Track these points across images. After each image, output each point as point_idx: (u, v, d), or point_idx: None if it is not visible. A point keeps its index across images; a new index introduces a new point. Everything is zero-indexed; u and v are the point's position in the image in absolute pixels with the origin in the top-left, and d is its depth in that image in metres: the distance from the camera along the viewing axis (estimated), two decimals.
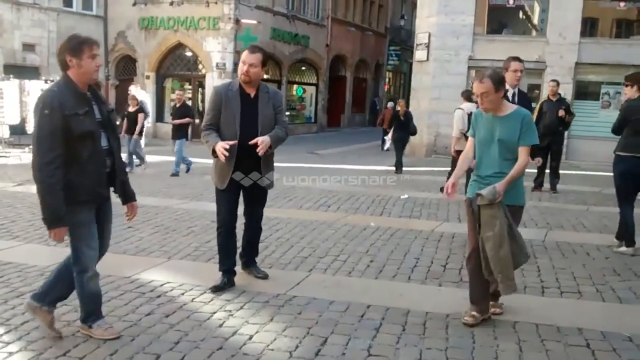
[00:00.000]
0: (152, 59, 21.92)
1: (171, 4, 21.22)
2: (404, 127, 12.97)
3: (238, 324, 3.86)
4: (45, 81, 15.39)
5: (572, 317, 4.21)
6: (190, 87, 22.07)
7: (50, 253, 5.34)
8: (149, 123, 15.71)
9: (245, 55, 4.48)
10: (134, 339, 3.61)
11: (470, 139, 4.13)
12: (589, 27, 18.02)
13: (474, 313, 3.95)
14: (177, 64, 22.27)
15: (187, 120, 12.17)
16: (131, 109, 12.37)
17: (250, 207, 4.78)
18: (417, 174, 12.74)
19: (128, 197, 3.67)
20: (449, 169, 9.13)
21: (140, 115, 12.08)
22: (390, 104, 18.85)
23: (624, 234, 6.09)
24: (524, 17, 19.64)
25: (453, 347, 3.61)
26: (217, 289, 4.53)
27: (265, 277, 4.87)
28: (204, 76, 21.16)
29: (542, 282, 5.03)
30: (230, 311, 4.12)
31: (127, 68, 23.04)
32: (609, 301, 4.61)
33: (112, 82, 23.08)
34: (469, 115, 8.80)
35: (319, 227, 6.97)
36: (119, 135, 3.63)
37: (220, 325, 3.87)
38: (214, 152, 4.39)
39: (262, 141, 4.35)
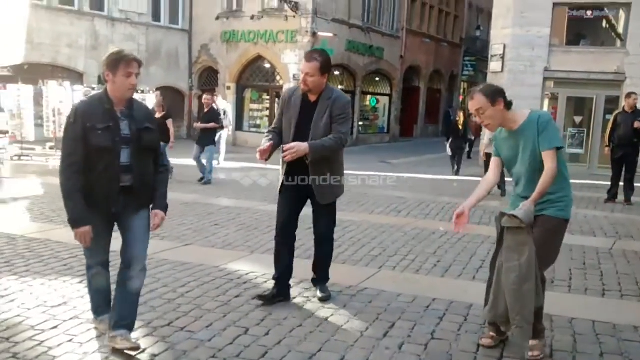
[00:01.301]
0: (232, 70, 23.00)
1: (252, 18, 22.23)
2: (462, 137, 14.26)
3: (315, 308, 4.34)
4: (137, 91, 16.61)
5: (630, 316, 4.43)
6: (268, 97, 22.98)
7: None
8: (229, 131, 16.66)
9: (303, 64, 4.30)
10: (226, 316, 4.17)
11: (493, 159, 3.74)
12: None
13: (492, 334, 3.69)
14: (256, 76, 23.26)
15: (212, 125, 11.71)
16: (157, 115, 11.27)
17: (314, 218, 4.53)
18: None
19: (155, 205, 3.56)
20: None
21: (169, 122, 10.98)
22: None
23: None
24: (606, 26, 19.27)
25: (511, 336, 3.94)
26: (261, 298, 4.40)
27: (327, 298, 4.54)
28: (281, 87, 21.98)
29: (604, 285, 5.23)
30: (308, 297, 4.61)
31: (209, 79, 24.26)
32: None
33: (195, 92, 24.36)
34: None
35: (389, 230, 7.38)
36: (154, 152, 3.56)
37: (300, 308, 4.37)
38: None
39: (292, 147, 4.12)
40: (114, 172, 3.35)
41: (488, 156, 11.13)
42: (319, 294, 4.58)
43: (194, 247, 6.25)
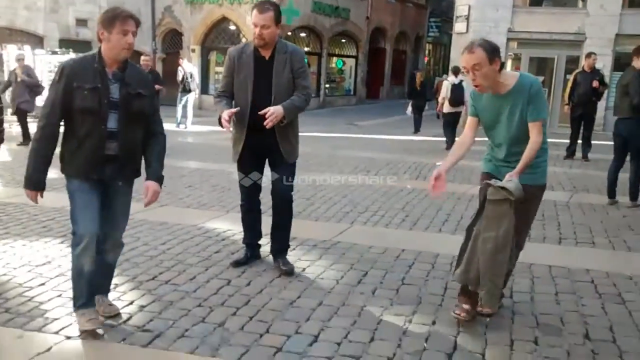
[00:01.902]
0: (197, 32, 22.69)
1: None
2: (421, 95, 15.24)
3: (292, 261, 4.55)
4: None
5: (582, 261, 4.79)
6: None
7: None
8: (196, 95, 16.58)
9: (255, 16, 3.98)
10: (208, 269, 4.37)
11: (469, 119, 3.55)
12: None
13: (465, 306, 3.53)
14: (222, 38, 23.00)
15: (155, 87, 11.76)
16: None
17: (273, 182, 4.30)
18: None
19: (147, 175, 3.38)
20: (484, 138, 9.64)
21: None
22: (445, 77, 19.21)
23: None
24: None
25: None
26: (237, 264, 4.37)
27: (290, 272, 4.26)
28: None
29: (560, 234, 5.60)
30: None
31: (173, 42, 23.90)
32: (619, 249, 5.17)
33: (159, 55, 23.97)
34: (453, 86, 11.50)
35: (359, 189, 7.64)
36: (145, 119, 3.33)
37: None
38: (220, 122, 4.04)
39: (272, 112, 3.88)
40: (98, 137, 3.15)
41: (446, 116, 12.01)
42: (282, 266, 4.29)
43: (170, 208, 6.40)
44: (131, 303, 3.72)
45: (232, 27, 22.46)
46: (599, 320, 3.60)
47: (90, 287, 3.31)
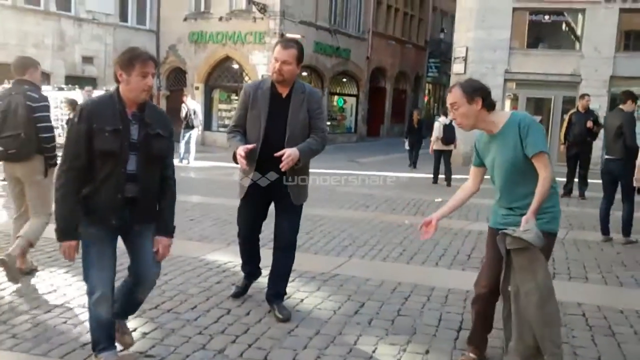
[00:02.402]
0: (201, 71, 23.17)
1: (220, 19, 22.46)
2: (417, 134, 15.92)
3: (291, 292, 4.67)
4: (106, 90, 16.71)
5: (574, 295, 4.90)
6: (236, 97, 23.13)
7: None
8: (199, 131, 16.86)
9: (277, 51, 3.90)
10: (209, 299, 4.49)
11: (472, 168, 3.49)
12: (625, 40, 18.38)
13: (472, 355, 3.47)
14: (225, 76, 23.49)
15: None
16: (72, 115, 11.87)
17: (279, 224, 4.18)
18: (454, 182, 13.40)
19: (158, 229, 3.26)
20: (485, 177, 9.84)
21: None
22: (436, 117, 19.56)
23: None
24: (564, 30, 20.07)
25: (469, 312, 4.34)
26: (237, 295, 4.37)
27: (287, 319, 4.05)
28: None
29: (554, 269, 5.71)
30: None
31: (177, 79, 24.36)
32: (611, 285, 5.28)
33: (164, 92, 24.42)
34: (444, 125, 12.18)
35: (358, 224, 7.78)
36: (163, 162, 3.25)
37: None
38: (234, 158, 3.93)
39: (288, 154, 3.77)
40: (118, 181, 3.04)
41: (436, 153, 12.76)
42: (278, 313, 4.09)
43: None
44: (134, 330, 3.83)
45: (235, 66, 22.94)
46: (588, 351, 3.71)
47: (109, 331, 3.24)
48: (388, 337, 3.84)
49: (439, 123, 12.57)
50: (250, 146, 3.87)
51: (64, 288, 4.65)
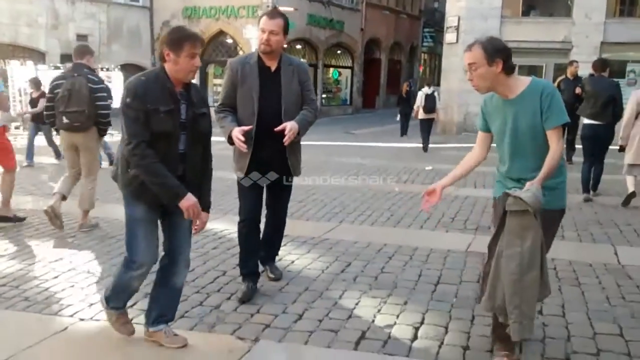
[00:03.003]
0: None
1: None
2: (406, 103, 16.47)
3: (283, 254, 4.97)
4: (102, 69, 16.84)
5: (549, 252, 5.20)
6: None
7: None
8: None
9: (264, 22, 3.85)
10: (205, 263, 4.81)
11: (479, 134, 3.26)
12: (615, 5, 18.49)
13: (505, 352, 3.12)
14: (219, 51, 23.58)
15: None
16: (34, 94, 11.49)
17: (273, 200, 4.21)
18: (445, 150, 13.70)
19: (200, 203, 3.15)
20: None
21: (42, 101, 9.81)
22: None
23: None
24: None
25: (447, 269, 4.70)
26: (244, 301, 3.95)
27: (278, 278, 4.33)
28: None
29: None
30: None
31: None
32: (585, 242, 5.61)
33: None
34: (426, 95, 12.85)
35: (348, 192, 8.08)
36: (206, 140, 3.28)
37: None
38: (229, 139, 3.84)
39: (289, 128, 3.75)
40: (172, 160, 3.03)
41: (422, 122, 13.48)
42: (270, 273, 4.36)
43: None
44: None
45: (229, 41, 23.03)
46: (554, 299, 4.00)
47: (129, 298, 3.41)
48: (371, 292, 4.17)
49: (422, 93, 13.39)
50: (246, 128, 3.78)
51: (70, 256, 4.97)
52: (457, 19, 18.62)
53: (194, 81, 3.24)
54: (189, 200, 3.03)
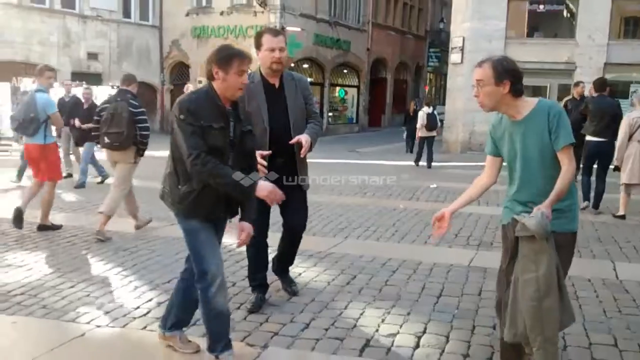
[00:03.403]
0: (203, 65, 23.56)
1: (221, 13, 22.92)
2: (413, 122, 16.35)
3: (290, 267, 5.14)
4: (112, 87, 17.18)
5: None
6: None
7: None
8: None
9: (271, 40, 3.90)
10: None
11: (487, 158, 3.23)
12: (619, 27, 18.74)
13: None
14: None
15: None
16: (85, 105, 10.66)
17: (291, 211, 4.15)
18: (451, 168, 13.91)
19: (243, 215, 3.29)
20: (480, 163, 10.26)
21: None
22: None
23: None
24: (559, 19, 20.40)
25: (450, 282, 4.84)
26: (253, 311, 4.09)
27: (295, 292, 4.43)
28: None
29: None
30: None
31: (180, 74, 24.84)
32: (585, 258, 5.74)
33: (167, 87, 24.91)
34: (428, 114, 13.61)
35: (354, 208, 8.24)
36: (251, 157, 3.33)
37: None
38: None
39: (306, 140, 3.87)
40: None
41: (421, 139, 14.20)
42: (288, 287, 4.48)
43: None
44: (150, 300, 4.33)
45: None
46: None
47: (229, 324, 3.24)
48: (375, 303, 4.32)
49: (423, 112, 14.19)
50: (264, 153, 3.83)
51: (85, 267, 5.15)
52: (462, 39, 18.91)
53: None
54: (265, 188, 3.05)
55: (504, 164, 3.17)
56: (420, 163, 14.15)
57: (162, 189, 3.25)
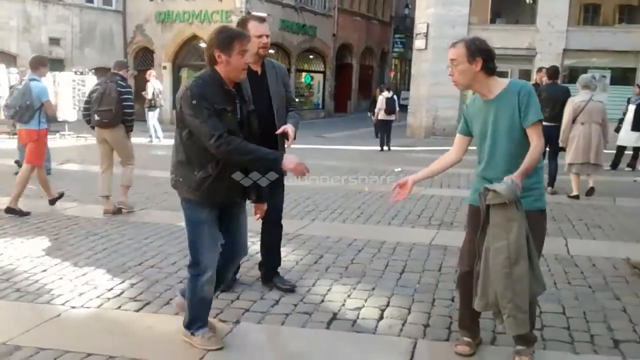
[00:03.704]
0: (168, 50, 23.41)
1: None
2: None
3: (257, 249, 5.29)
4: (75, 72, 16.93)
5: None
6: None
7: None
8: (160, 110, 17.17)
9: (256, 26, 3.93)
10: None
11: (457, 136, 3.37)
12: (577, 14, 19.26)
13: (466, 339, 3.34)
14: (192, 55, 23.75)
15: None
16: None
17: (271, 195, 3.97)
18: (415, 152, 14.19)
19: (257, 197, 3.44)
20: (443, 147, 10.55)
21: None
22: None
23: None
24: (523, 5, 20.82)
25: (412, 260, 5.09)
26: (224, 290, 4.09)
27: (292, 289, 4.28)
28: None
29: None
30: (252, 241, 5.57)
31: (145, 59, 24.54)
32: None
33: (131, 72, 24.54)
34: (387, 99, 14.24)
35: (321, 192, 8.44)
36: (257, 136, 3.33)
37: None
38: None
39: (292, 131, 3.89)
40: (236, 165, 3.14)
41: (380, 122, 14.96)
42: (283, 285, 4.31)
43: (149, 210, 7.11)
44: (123, 282, 4.44)
45: (203, 45, 23.14)
46: None
47: (209, 311, 3.40)
48: (341, 280, 4.53)
49: (382, 97, 15.06)
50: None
51: (55, 252, 5.22)
52: (426, 26, 19.18)
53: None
54: (292, 161, 3.08)
55: (473, 147, 3.31)
56: (385, 147, 14.44)
57: (173, 179, 3.26)
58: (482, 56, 3.05)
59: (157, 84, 16.47)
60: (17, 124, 7.27)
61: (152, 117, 15.94)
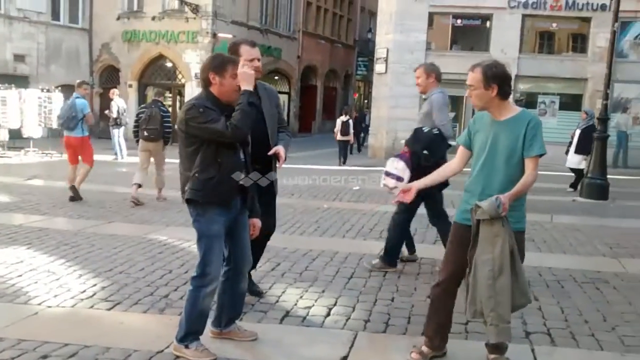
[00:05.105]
0: (134, 69, 23.70)
1: (153, 18, 23.09)
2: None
3: None
4: (42, 90, 17.05)
5: None
6: (170, 95, 23.89)
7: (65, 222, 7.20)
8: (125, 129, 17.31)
9: (248, 51, 4.04)
10: (154, 263, 5.50)
11: (459, 148, 3.52)
12: (528, 42, 20.34)
13: (424, 348, 3.49)
14: (158, 74, 24.12)
15: None
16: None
17: (264, 214, 3.99)
18: (373, 172, 14.79)
19: (252, 212, 3.64)
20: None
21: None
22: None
23: None
24: (477, 33, 21.84)
25: (360, 267, 5.60)
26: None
27: (259, 294, 4.60)
28: (183, 85, 23.10)
29: None
30: None
31: (110, 77, 24.76)
32: None
33: (97, 90, 24.75)
34: (342, 122, 16.46)
35: (280, 207, 8.80)
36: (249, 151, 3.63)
37: None
38: None
39: (284, 152, 4.05)
40: (237, 167, 3.41)
41: (338, 142, 16.79)
42: (255, 288, 4.59)
43: (117, 224, 7.47)
44: (95, 285, 4.83)
45: (169, 64, 23.62)
46: None
47: (205, 322, 3.53)
48: (295, 284, 5.02)
49: (339, 120, 17.43)
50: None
51: (29, 259, 5.56)
52: (386, 51, 19.99)
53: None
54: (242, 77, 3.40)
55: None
56: (346, 168, 15.05)
57: (184, 193, 3.44)
58: (498, 82, 3.24)
59: (121, 103, 16.75)
60: (64, 132, 9.24)
61: (117, 134, 16.21)
